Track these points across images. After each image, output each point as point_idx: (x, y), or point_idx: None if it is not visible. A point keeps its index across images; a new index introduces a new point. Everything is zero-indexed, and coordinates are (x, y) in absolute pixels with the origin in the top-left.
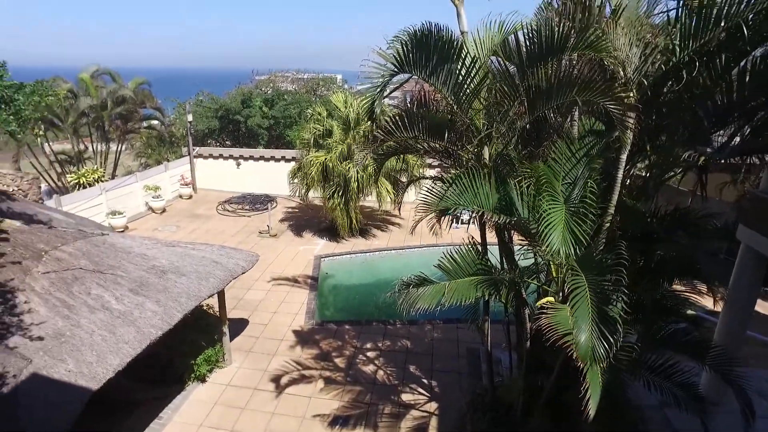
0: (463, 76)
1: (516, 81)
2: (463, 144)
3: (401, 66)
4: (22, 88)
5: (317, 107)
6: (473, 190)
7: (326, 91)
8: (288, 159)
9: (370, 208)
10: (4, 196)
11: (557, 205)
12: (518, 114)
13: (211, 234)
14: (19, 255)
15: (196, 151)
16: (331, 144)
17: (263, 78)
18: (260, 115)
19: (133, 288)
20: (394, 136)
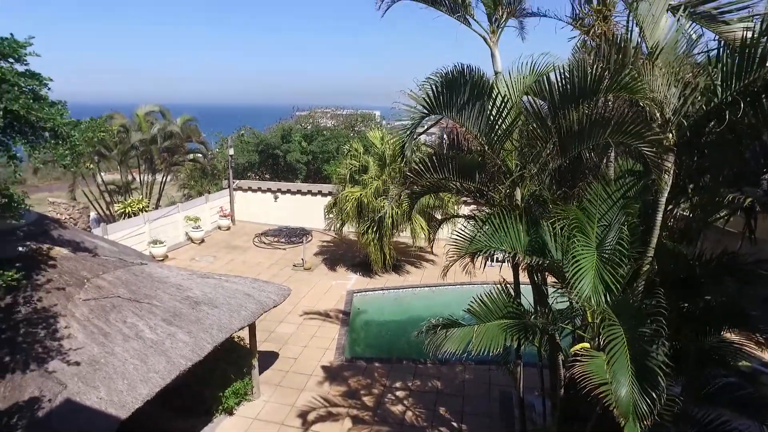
0: (494, 117)
1: (548, 122)
2: (495, 185)
3: (432, 108)
4: (78, 125)
5: (354, 143)
6: (505, 231)
7: (364, 127)
8: (324, 193)
9: (404, 244)
10: (57, 224)
11: (588, 250)
12: (551, 155)
13: (246, 265)
14: (64, 281)
15: (236, 184)
16: (367, 180)
17: (304, 114)
18: (299, 150)
19: (166, 318)
20: (424, 178)
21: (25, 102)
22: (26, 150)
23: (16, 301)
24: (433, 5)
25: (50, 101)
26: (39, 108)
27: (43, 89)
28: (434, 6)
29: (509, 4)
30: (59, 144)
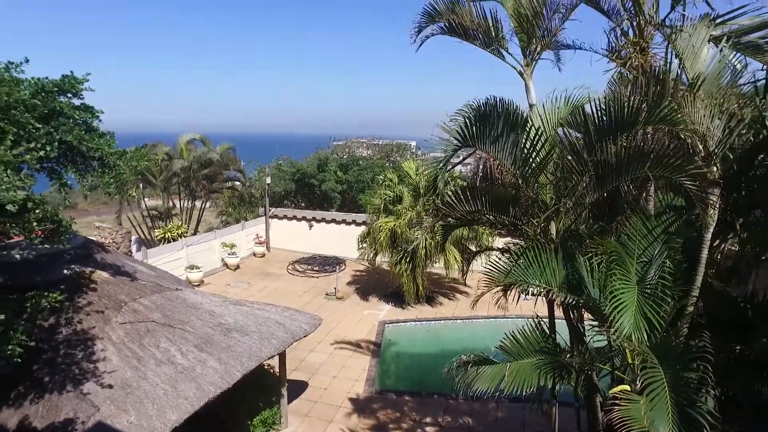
0: (528, 150)
1: (584, 155)
2: (529, 218)
3: (464, 140)
4: (124, 155)
5: (389, 174)
6: (539, 265)
7: (399, 157)
8: (358, 223)
9: (437, 275)
10: (100, 248)
11: (628, 286)
12: (587, 188)
13: (279, 293)
14: (103, 304)
15: (272, 212)
16: (401, 210)
17: (340, 144)
18: (335, 179)
19: (198, 344)
20: (457, 211)
21: (77, 133)
22: (76, 177)
23: (59, 322)
24: (467, 39)
25: (100, 132)
26: (90, 139)
27: (94, 121)
28: (468, 40)
29: (543, 37)
30: (106, 172)
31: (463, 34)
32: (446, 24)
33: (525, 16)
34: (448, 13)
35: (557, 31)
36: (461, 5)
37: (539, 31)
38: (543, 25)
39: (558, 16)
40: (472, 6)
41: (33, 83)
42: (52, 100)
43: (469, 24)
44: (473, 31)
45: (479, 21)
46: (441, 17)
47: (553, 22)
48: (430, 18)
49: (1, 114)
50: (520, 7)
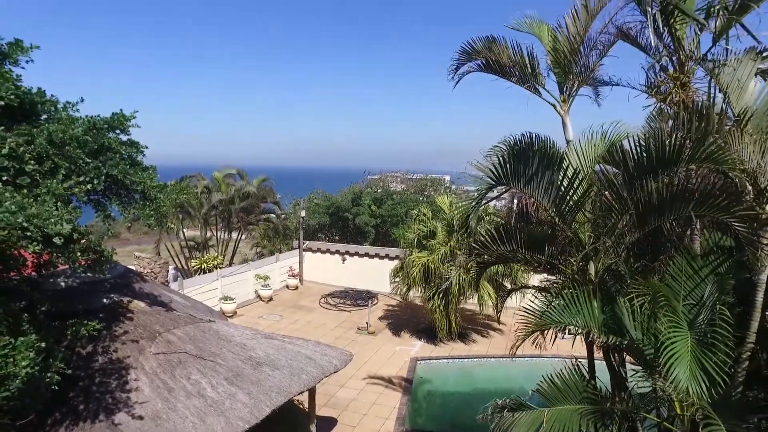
0: (565, 188)
1: (624, 193)
2: (566, 257)
3: (499, 178)
4: (165, 188)
5: (422, 208)
6: (577, 306)
7: (433, 191)
8: (392, 257)
9: (470, 311)
10: (139, 278)
11: (680, 332)
12: (627, 227)
13: (311, 326)
14: (138, 334)
15: (306, 245)
16: (434, 245)
17: (375, 177)
18: (368, 213)
19: (228, 377)
20: (491, 250)
21: (123, 168)
22: (119, 210)
23: (96, 350)
24: (504, 76)
25: (144, 166)
26: (134, 173)
27: (139, 155)
28: (504, 77)
29: (580, 73)
30: (147, 205)
31: (500, 71)
32: (483, 61)
33: (562, 52)
34: (485, 51)
35: (594, 68)
36: (498, 43)
37: (576, 67)
38: (580, 62)
39: (595, 52)
40: (508, 43)
41: (86, 121)
42: (102, 136)
43: (506, 61)
44: (510, 68)
45: (516, 58)
46: (478, 55)
47: (590, 59)
48: (468, 56)
49: (56, 150)
50: (557, 43)
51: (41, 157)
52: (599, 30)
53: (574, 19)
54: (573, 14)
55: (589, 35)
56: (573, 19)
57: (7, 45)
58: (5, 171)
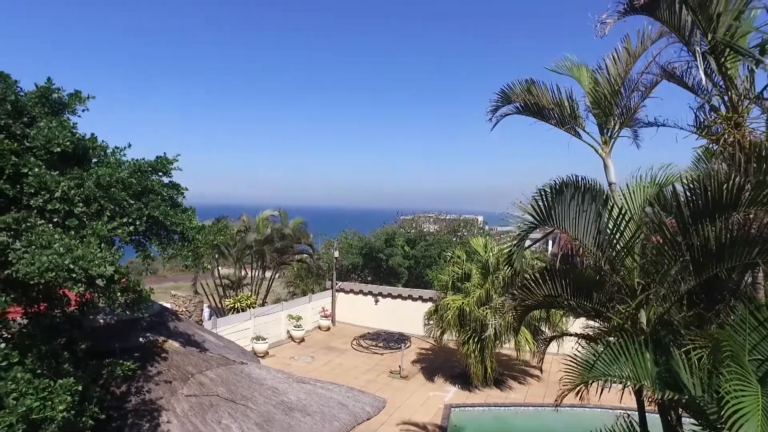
0: (611, 232)
1: (677, 238)
2: (614, 304)
3: (542, 219)
4: (203, 229)
5: (456, 250)
6: (627, 358)
7: (466, 232)
8: (425, 299)
9: (507, 356)
10: (174, 317)
11: (749, 388)
12: (682, 274)
13: (343, 369)
14: (171, 375)
15: (339, 286)
16: (469, 288)
17: (408, 218)
18: (402, 254)
19: (259, 422)
20: (534, 295)
21: (164, 209)
22: (159, 250)
23: (129, 390)
24: (542, 118)
25: (183, 207)
26: (174, 214)
27: (179, 197)
28: (543, 119)
29: (622, 114)
30: (185, 245)
31: (539, 113)
32: (521, 104)
33: (602, 94)
34: (524, 93)
35: (636, 109)
36: (537, 85)
37: (617, 109)
38: (621, 103)
39: (637, 93)
40: (547, 86)
41: (132, 164)
42: (145, 178)
43: (544, 104)
44: (548, 111)
45: (555, 101)
46: (517, 97)
47: (632, 100)
48: (506, 98)
49: (103, 192)
50: (597, 85)
51: (89, 200)
52: (641, 71)
53: (614, 61)
54: (614, 56)
55: (630, 76)
56: (614, 60)
57: (68, 96)
58: (56, 213)
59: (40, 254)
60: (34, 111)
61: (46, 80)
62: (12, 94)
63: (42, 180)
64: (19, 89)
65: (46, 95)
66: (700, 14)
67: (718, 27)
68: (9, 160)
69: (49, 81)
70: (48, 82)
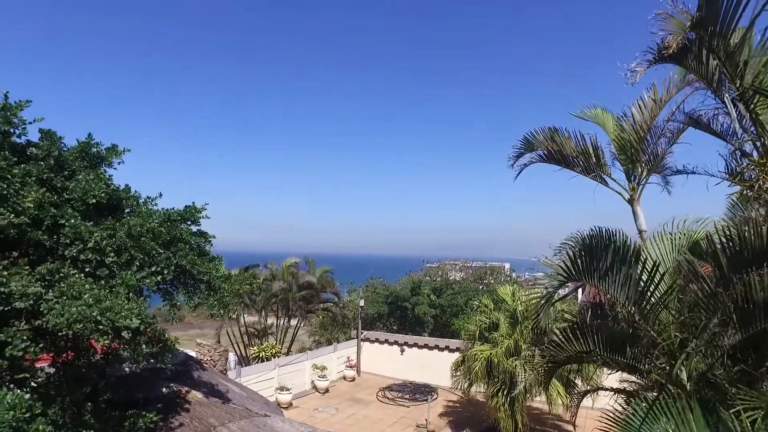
0: (644, 284)
1: (715, 289)
2: (651, 360)
3: (569, 275)
4: (230, 278)
5: (483, 299)
6: (670, 418)
7: (493, 280)
8: (452, 349)
9: (538, 410)
10: (198, 366)
11: None
12: (724, 329)
13: (368, 421)
14: (194, 427)
15: (364, 335)
16: (497, 338)
17: (433, 266)
18: (427, 303)
19: None
20: (564, 350)
21: (191, 258)
22: (185, 299)
23: None
24: (567, 166)
25: (211, 256)
26: (201, 263)
27: (207, 245)
28: (568, 167)
29: (649, 161)
30: (211, 294)
31: (563, 161)
32: (545, 152)
33: (628, 141)
34: (547, 141)
35: (664, 155)
36: (560, 133)
37: (644, 156)
38: (648, 150)
39: (664, 140)
40: (570, 133)
41: (162, 213)
42: (174, 227)
43: (569, 151)
44: (573, 158)
45: (579, 148)
46: (540, 145)
47: (658, 147)
48: (529, 146)
49: (133, 242)
50: (623, 132)
51: (120, 250)
52: (666, 118)
53: (640, 109)
54: (639, 104)
55: (656, 123)
56: (639, 108)
57: (105, 150)
58: (89, 263)
59: (70, 305)
60: (74, 165)
61: (87, 136)
62: (56, 150)
63: (77, 230)
64: (63, 145)
65: (86, 150)
66: (727, 62)
67: (745, 74)
68: (49, 211)
69: (89, 137)
70: (89, 138)
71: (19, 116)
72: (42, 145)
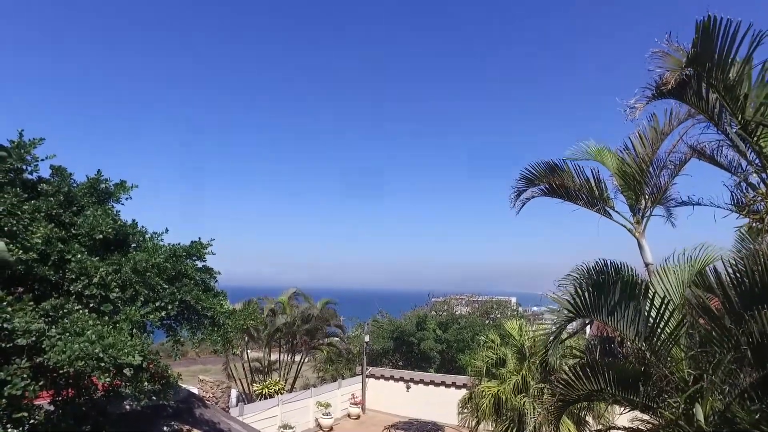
0: (654, 319)
1: (727, 324)
2: (665, 398)
3: (577, 310)
4: (234, 314)
5: (490, 334)
6: None
7: (500, 314)
8: (459, 385)
9: None
10: (200, 403)
11: None
12: (740, 365)
13: None
14: None
15: (369, 371)
16: (505, 374)
17: (439, 300)
18: (433, 338)
19: None
20: (574, 388)
21: (196, 293)
22: (189, 334)
23: None
24: (569, 200)
25: (215, 291)
26: (205, 298)
27: (212, 281)
28: (570, 200)
29: (652, 194)
30: (215, 330)
31: (565, 194)
32: (546, 186)
33: (631, 174)
34: (547, 176)
35: (667, 187)
36: (560, 167)
37: (647, 188)
38: (651, 182)
39: (667, 171)
40: (570, 166)
41: (168, 249)
42: (180, 263)
43: (570, 185)
44: (575, 192)
45: (581, 182)
46: (540, 180)
47: (661, 179)
48: (529, 182)
49: (139, 277)
50: (624, 165)
51: (125, 285)
52: (669, 149)
53: (641, 139)
54: (640, 135)
55: (658, 155)
56: (640, 139)
57: (114, 186)
58: (93, 298)
59: (73, 341)
60: (83, 200)
61: (96, 172)
62: (66, 186)
63: (83, 266)
64: (73, 181)
65: (95, 186)
66: (727, 96)
67: (746, 107)
68: (56, 247)
69: (99, 173)
70: (98, 174)
71: (32, 153)
72: (53, 181)
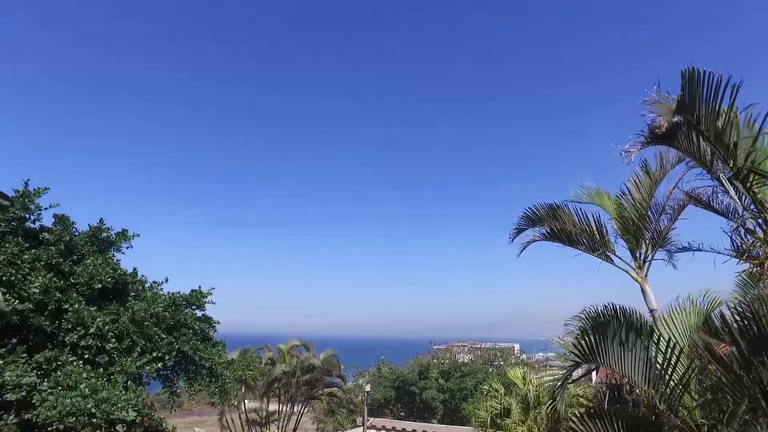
0: (662, 366)
1: (738, 372)
2: None
3: (584, 356)
4: (232, 364)
5: (494, 383)
6: None
7: (503, 361)
8: None
9: None
10: None
11: None
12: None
13: None
14: None
15: (370, 422)
16: (510, 425)
17: (441, 348)
18: (436, 387)
19: None
20: None
21: (194, 343)
22: (186, 385)
23: None
24: (571, 244)
25: (214, 341)
26: (204, 348)
27: (211, 330)
28: (572, 245)
29: (653, 238)
30: (212, 381)
31: (566, 239)
32: (548, 230)
33: (630, 219)
34: (549, 219)
35: (667, 231)
36: (562, 210)
37: (647, 232)
38: (651, 227)
39: (665, 216)
40: (571, 209)
41: (167, 298)
42: (179, 312)
43: (571, 229)
44: (577, 236)
45: (582, 226)
46: (542, 223)
47: (660, 223)
48: (531, 222)
49: (136, 327)
50: (623, 210)
51: (122, 335)
52: (666, 195)
53: (636, 185)
54: (635, 180)
55: (655, 200)
56: (635, 184)
57: (115, 234)
58: (89, 349)
59: (65, 396)
60: (84, 249)
61: (98, 221)
62: (67, 235)
63: (80, 316)
64: (75, 229)
65: (97, 234)
66: (718, 144)
67: (737, 154)
68: (53, 296)
69: (101, 222)
70: (100, 223)
71: (35, 202)
72: (54, 230)
